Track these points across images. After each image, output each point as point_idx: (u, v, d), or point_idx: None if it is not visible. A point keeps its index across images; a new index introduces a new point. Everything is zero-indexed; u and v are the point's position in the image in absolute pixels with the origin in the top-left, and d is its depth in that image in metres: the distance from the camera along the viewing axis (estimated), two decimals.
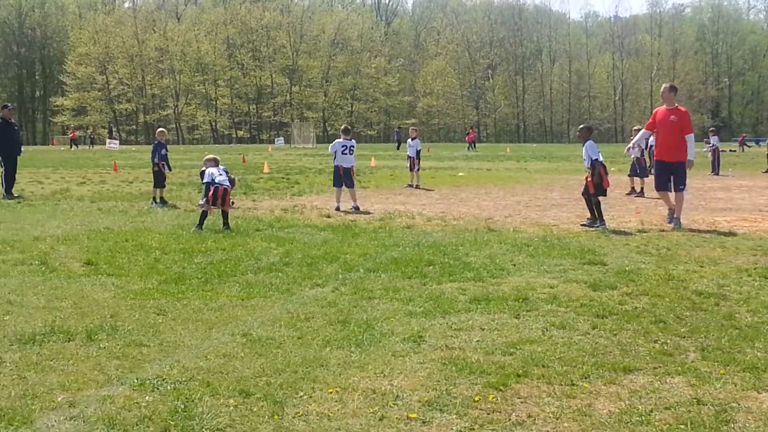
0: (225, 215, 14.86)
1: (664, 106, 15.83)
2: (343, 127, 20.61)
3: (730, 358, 6.55)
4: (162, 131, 21.74)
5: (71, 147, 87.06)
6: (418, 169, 26.60)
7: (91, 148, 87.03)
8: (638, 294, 9.05)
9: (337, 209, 18.53)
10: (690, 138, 15.31)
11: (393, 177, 32.18)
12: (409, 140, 27.79)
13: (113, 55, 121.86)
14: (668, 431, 5.07)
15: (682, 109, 15.81)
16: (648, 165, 23.38)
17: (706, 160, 36.66)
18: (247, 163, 44.60)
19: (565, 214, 17.72)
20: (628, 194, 22.78)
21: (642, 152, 22.88)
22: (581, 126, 16.21)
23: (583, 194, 15.49)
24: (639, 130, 20.64)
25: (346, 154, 19.42)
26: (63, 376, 6.20)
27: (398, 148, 74.80)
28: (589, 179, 15.02)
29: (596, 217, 15.02)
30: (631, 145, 19.29)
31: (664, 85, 16.16)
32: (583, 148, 15.33)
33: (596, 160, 14.96)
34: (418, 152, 26.82)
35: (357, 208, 18.55)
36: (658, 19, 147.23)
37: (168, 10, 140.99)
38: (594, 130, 16.17)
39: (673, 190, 15.51)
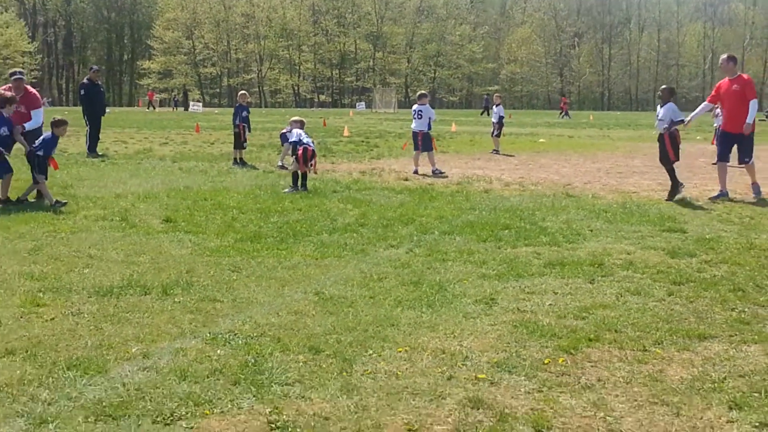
0: (304, 176, 14.93)
1: (726, 77, 15.38)
2: (418, 93, 20.66)
3: None
4: (243, 93, 21.92)
5: (149, 108, 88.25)
6: (498, 134, 26.37)
7: (174, 110, 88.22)
8: (717, 262, 8.86)
9: (415, 172, 18.57)
10: (753, 103, 14.86)
11: (473, 142, 31.96)
12: (494, 107, 27.64)
13: (200, 20, 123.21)
14: (741, 399, 4.95)
15: (745, 76, 15.41)
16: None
17: None
18: (328, 126, 44.73)
19: (647, 181, 17.42)
20: (714, 163, 22.27)
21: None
22: (663, 87, 15.49)
23: (661, 160, 14.94)
24: None
25: (415, 118, 19.53)
26: (138, 328, 6.30)
27: (484, 114, 74.36)
28: (667, 143, 14.55)
29: (675, 181, 14.50)
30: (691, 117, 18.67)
31: (722, 56, 15.72)
32: (663, 109, 14.74)
33: (678, 121, 14.57)
34: (501, 118, 26.61)
35: (435, 172, 18.50)
36: None
37: None
38: (675, 91, 15.53)
39: (738, 162, 15.31)
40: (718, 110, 20.42)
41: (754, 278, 8.06)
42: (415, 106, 19.82)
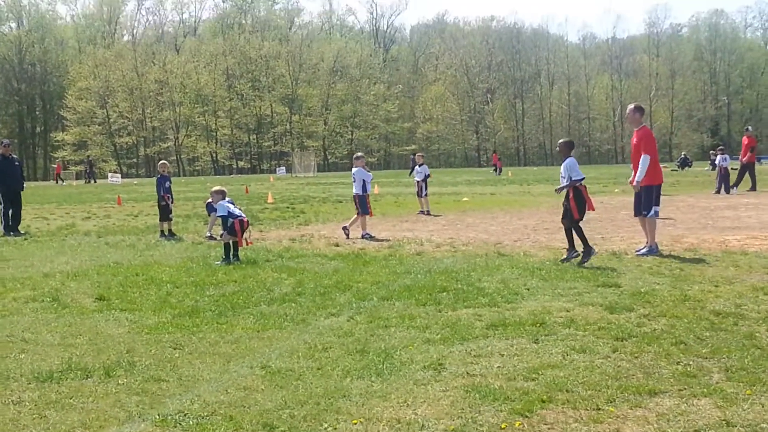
0: (236, 246, 14.82)
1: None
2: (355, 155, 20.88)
3: (755, 379, 6.51)
4: (164, 163, 21.71)
5: (57, 182, 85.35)
6: (426, 195, 26.53)
7: (88, 182, 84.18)
8: (656, 315, 9.00)
9: (351, 233, 18.92)
10: (645, 159, 14.45)
11: (398, 204, 32.16)
12: (416, 167, 27.79)
13: (113, 88, 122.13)
14: None
15: (647, 128, 14.99)
16: None
17: (710, 179, 36.60)
18: (251, 193, 44.60)
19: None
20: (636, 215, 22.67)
21: None
22: (561, 140, 14.55)
23: (563, 220, 13.97)
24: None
25: (354, 181, 19.70)
26: (83, 413, 6.15)
27: (412, 174, 74.95)
28: (572, 202, 13.58)
29: (585, 243, 13.28)
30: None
31: (629, 107, 15.18)
32: (563, 166, 13.83)
33: (582, 178, 13.64)
34: (426, 177, 26.77)
35: (364, 236, 18.69)
36: (656, 40, 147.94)
37: (167, 42, 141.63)
38: (575, 145, 14.63)
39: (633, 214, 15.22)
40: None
41: (694, 330, 8.19)
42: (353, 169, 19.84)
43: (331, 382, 6.77)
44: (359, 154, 21.02)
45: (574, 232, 13.57)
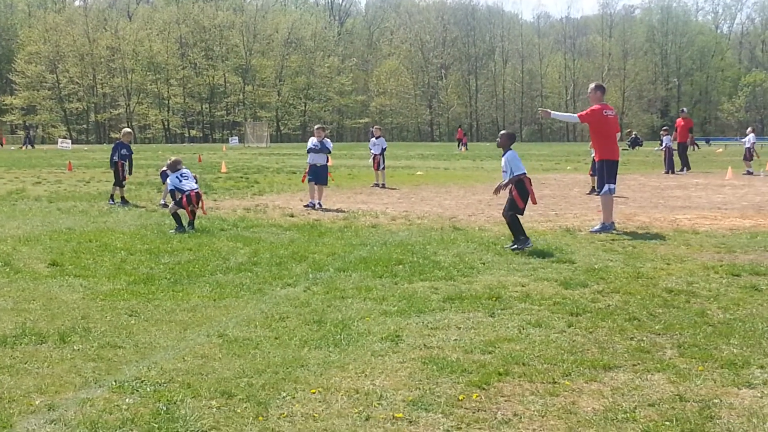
0: (192, 214, 14.71)
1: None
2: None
3: (707, 355, 6.61)
4: (128, 132, 21.78)
5: None
6: (383, 168, 26.50)
7: (26, 148, 79.50)
8: (609, 292, 9.12)
9: (312, 206, 18.97)
10: (571, 116, 16.26)
11: (352, 176, 32.12)
12: (373, 139, 27.67)
13: (64, 53, 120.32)
14: (654, 428, 5.10)
15: (600, 107, 15.05)
16: None
17: (660, 159, 37.00)
18: (204, 162, 44.29)
19: (529, 212, 17.72)
20: (588, 193, 22.92)
21: None
22: (502, 132, 13.56)
23: (504, 213, 12.75)
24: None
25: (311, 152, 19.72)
26: (39, 378, 6.11)
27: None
28: (514, 193, 12.49)
29: (522, 233, 12.38)
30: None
31: (590, 85, 15.46)
32: (503, 159, 12.83)
33: (522, 173, 12.56)
34: (383, 150, 26.70)
35: (313, 205, 18.93)
36: (609, 21, 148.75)
37: (119, 8, 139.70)
38: (516, 137, 13.59)
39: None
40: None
41: (647, 307, 8.31)
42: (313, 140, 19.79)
43: (289, 352, 6.78)
44: (320, 125, 21.02)
45: (510, 222, 12.57)
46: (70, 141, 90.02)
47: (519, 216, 12.50)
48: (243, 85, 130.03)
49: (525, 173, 12.61)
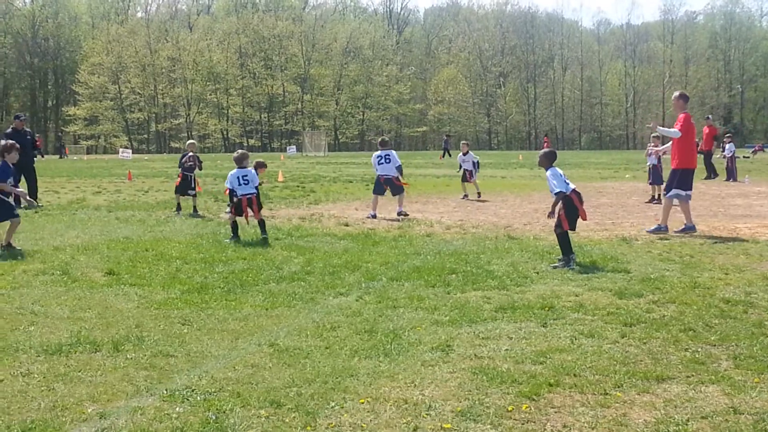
0: (261, 223, 14.68)
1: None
2: (379, 140, 20.89)
3: (763, 367, 6.50)
4: (191, 143, 21.93)
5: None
6: (475, 180, 25.97)
7: (63, 157, 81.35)
8: (665, 302, 8.99)
9: (373, 216, 18.88)
10: (675, 131, 15.58)
11: (412, 185, 32.04)
12: (461, 155, 26.96)
13: (126, 64, 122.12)
14: None
15: (688, 115, 15.82)
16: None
17: (722, 167, 36.42)
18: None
19: (585, 222, 17.58)
20: (647, 202, 22.66)
21: (659, 159, 22.68)
22: (542, 151, 12.84)
23: (555, 229, 12.25)
24: (657, 137, 20.77)
25: (382, 163, 19.68)
26: (92, 387, 6.18)
27: (443, 157, 75.42)
28: (561, 213, 12.07)
29: (569, 251, 11.86)
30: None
31: (674, 94, 16.40)
32: (549, 177, 12.30)
33: (562, 192, 12.05)
34: (475, 164, 26.15)
35: (400, 213, 19.06)
36: (671, 27, 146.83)
37: (180, 19, 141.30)
38: (555, 155, 12.78)
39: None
40: (651, 149, 21.04)
41: (703, 317, 8.18)
42: (381, 152, 19.86)
43: (339, 362, 6.78)
44: (383, 138, 21.08)
45: (559, 239, 12.14)
46: (131, 151, 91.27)
47: (571, 231, 12.15)
48: (301, 94, 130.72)
49: (566, 192, 12.02)
